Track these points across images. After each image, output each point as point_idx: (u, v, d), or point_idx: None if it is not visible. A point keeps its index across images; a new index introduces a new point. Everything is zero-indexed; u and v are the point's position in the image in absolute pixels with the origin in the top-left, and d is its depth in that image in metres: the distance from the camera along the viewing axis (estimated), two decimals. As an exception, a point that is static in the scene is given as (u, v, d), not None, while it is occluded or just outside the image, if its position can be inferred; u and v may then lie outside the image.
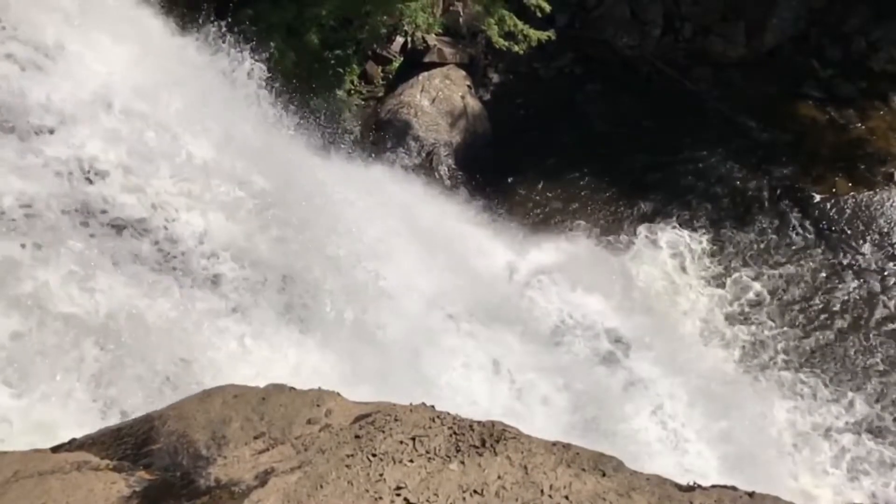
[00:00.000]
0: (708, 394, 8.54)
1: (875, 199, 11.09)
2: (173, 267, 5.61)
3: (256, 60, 8.00)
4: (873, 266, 10.49)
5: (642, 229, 11.01)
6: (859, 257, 10.59)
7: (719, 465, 7.71)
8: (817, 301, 10.20)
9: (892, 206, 11.00)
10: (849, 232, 10.84)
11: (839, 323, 9.96)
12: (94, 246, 5.30)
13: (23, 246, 4.99)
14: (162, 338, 5.14)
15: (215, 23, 7.97)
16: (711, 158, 11.88)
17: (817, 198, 11.25)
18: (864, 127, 12.19)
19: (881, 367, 9.49)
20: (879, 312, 10.03)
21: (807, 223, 11.02)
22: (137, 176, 5.73)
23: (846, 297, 10.21)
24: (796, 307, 10.15)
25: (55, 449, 3.33)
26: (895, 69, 12.65)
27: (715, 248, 10.83)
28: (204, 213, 5.92)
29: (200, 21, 8.00)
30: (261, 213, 6.26)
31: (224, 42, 7.86)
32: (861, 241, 10.74)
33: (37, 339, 4.73)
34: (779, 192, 11.44)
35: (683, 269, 10.60)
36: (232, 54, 7.82)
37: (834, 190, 11.37)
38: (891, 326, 9.89)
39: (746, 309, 10.17)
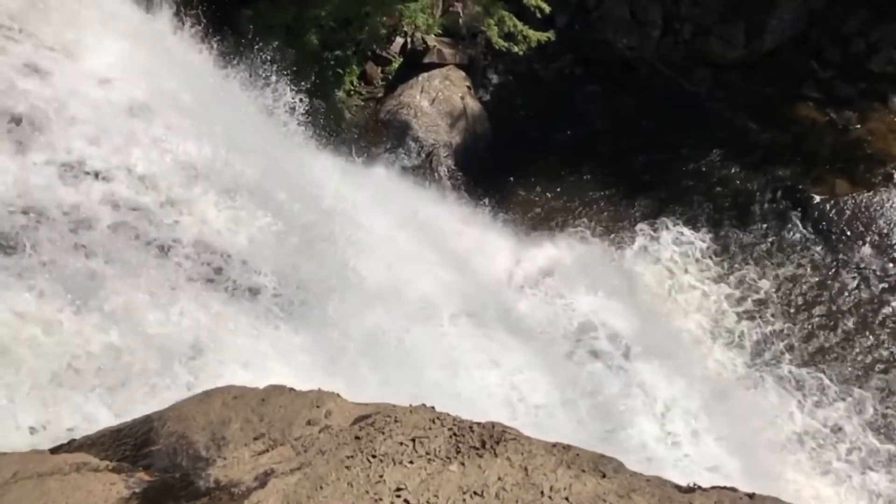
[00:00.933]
0: (711, 393, 8.56)
1: (874, 200, 11.09)
2: (236, 294, 5.78)
3: (297, 93, 8.25)
4: (873, 267, 10.49)
5: (643, 229, 11.01)
6: (859, 258, 10.60)
7: (724, 464, 7.72)
8: (819, 301, 10.21)
9: (891, 207, 11.00)
10: (848, 233, 10.84)
11: (841, 322, 9.97)
12: (160, 264, 5.45)
13: (105, 262, 5.13)
14: (238, 367, 5.23)
15: (258, 51, 8.14)
16: (711, 159, 11.88)
17: (817, 199, 11.25)
18: (863, 128, 12.19)
19: (884, 366, 9.50)
20: (881, 312, 10.04)
21: (807, 224, 11.02)
22: (185, 191, 5.85)
23: (847, 297, 10.22)
24: (798, 307, 10.16)
25: (54, 450, 3.33)
26: (894, 70, 12.65)
27: (716, 247, 10.83)
28: (252, 241, 6.06)
29: (243, 50, 8.18)
30: (306, 246, 6.45)
31: (270, 73, 8.09)
32: (860, 242, 10.74)
33: (129, 358, 4.84)
34: (779, 192, 11.44)
35: (685, 269, 10.61)
36: (275, 88, 8.06)
37: (833, 191, 11.36)
38: (892, 326, 9.90)
39: (748, 308, 10.17)
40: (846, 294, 10.25)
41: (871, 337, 9.81)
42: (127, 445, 3.26)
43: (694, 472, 7.35)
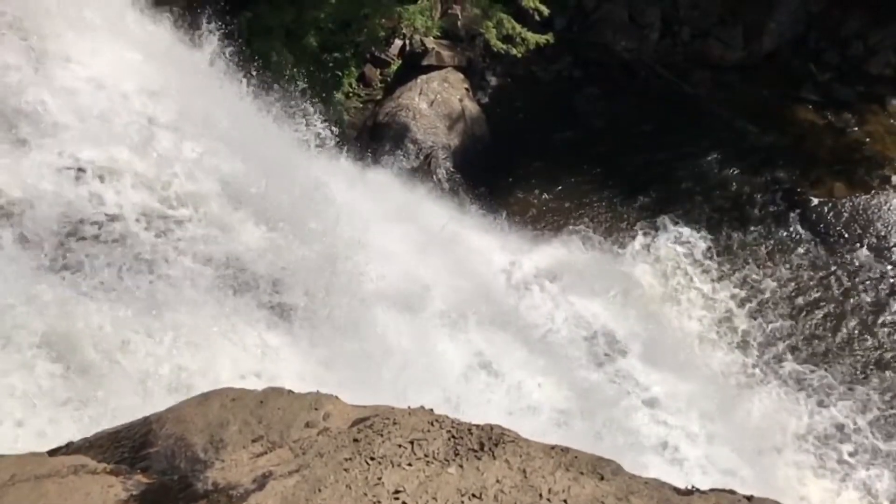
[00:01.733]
0: (709, 395, 8.57)
1: (872, 202, 11.11)
2: (281, 318, 6.02)
3: (328, 124, 8.73)
4: (872, 268, 10.50)
5: (642, 231, 11.02)
6: (858, 260, 10.61)
7: (723, 466, 7.73)
8: (819, 302, 10.22)
9: (888, 209, 11.02)
10: (847, 235, 10.85)
11: (842, 323, 9.98)
12: (215, 287, 5.67)
13: (168, 285, 5.36)
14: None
15: (290, 79, 8.44)
16: (710, 161, 11.90)
17: (815, 201, 11.27)
18: (861, 130, 12.21)
19: (886, 366, 9.51)
20: (881, 313, 10.05)
21: (806, 225, 11.04)
22: (226, 214, 6.05)
23: (847, 298, 10.23)
24: (799, 308, 10.17)
25: (52, 452, 3.31)
26: (892, 73, 12.68)
27: (716, 248, 10.84)
28: (292, 272, 6.23)
29: (277, 81, 8.62)
30: (335, 269, 6.69)
31: (302, 102, 8.49)
32: (859, 244, 10.75)
33: (193, 379, 4.96)
34: (777, 195, 11.45)
35: (686, 270, 10.62)
36: (306, 120, 8.46)
37: (832, 193, 11.38)
38: (891, 326, 9.91)
39: (750, 309, 10.18)
40: (846, 295, 10.26)
41: (871, 338, 9.82)
42: (125, 448, 3.25)
43: (698, 473, 7.37)
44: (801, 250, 10.80)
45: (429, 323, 7.52)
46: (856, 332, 9.89)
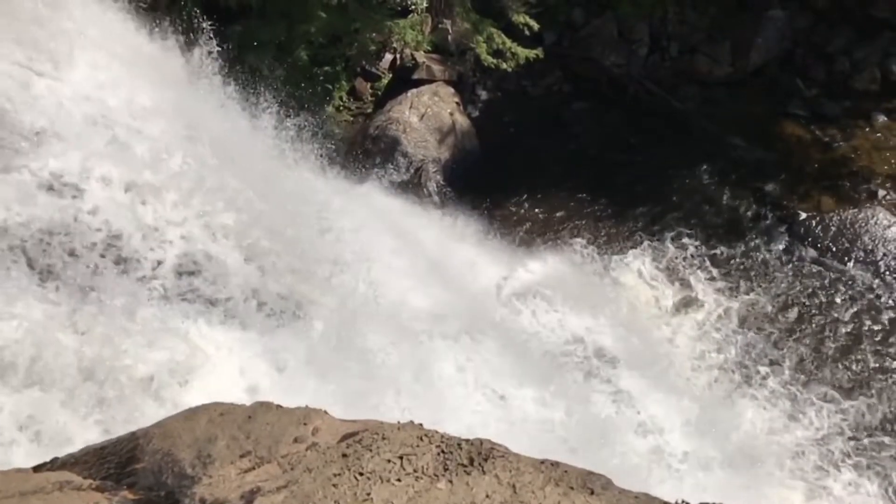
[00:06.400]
0: (700, 409, 8.57)
1: (859, 216, 11.19)
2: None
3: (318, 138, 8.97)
4: (858, 282, 10.57)
5: (631, 244, 11.06)
6: (845, 274, 10.67)
7: (714, 480, 7.73)
8: (806, 315, 10.26)
9: (875, 223, 11.10)
10: (834, 249, 10.93)
11: (829, 337, 10.01)
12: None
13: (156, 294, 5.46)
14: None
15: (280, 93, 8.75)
16: (698, 176, 11.97)
17: (803, 215, 11.34)
18: (848, 145, 12.31)
19: (870, 379, 9.53)
20: (866, 326, 10.09)
21: (793, 239, 11.10)
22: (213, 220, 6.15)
23: (833, 312, 10.27)
24: (785, 321, 10.20)
25: (37, 468, 3.28)
26: (878, 88, 12.82)
27: (704, 262, 10.89)
28: (281, 284, 6.32)
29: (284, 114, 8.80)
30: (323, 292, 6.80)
31: (294, 116, 8.75)
32: (846, 258, 10.82)
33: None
34: (765, 209, 11.53)
35: (673, 284, 10.65)
36: (296, 134, 8.66)
37: (819, 207, 11.47)
38: (877, 340, 9.96)
39: (736, 322, 10.21)
40: (832, 309, 10.31)
41: (861, 350, 9.85)
42: (111, 463, 3.22)
43: (688, 487, 7.36)
44: (789, 263, 10.86)
45: (418, 337, 7.49)
46: (846, 344, 9.93)
